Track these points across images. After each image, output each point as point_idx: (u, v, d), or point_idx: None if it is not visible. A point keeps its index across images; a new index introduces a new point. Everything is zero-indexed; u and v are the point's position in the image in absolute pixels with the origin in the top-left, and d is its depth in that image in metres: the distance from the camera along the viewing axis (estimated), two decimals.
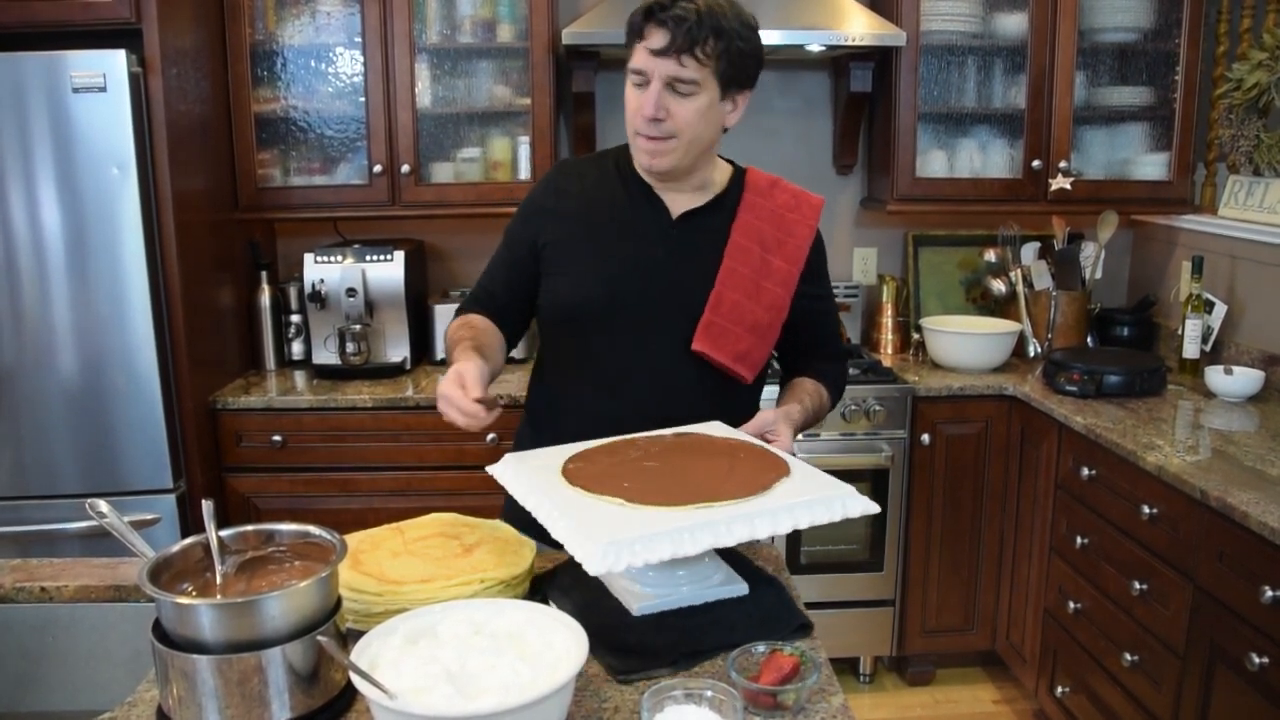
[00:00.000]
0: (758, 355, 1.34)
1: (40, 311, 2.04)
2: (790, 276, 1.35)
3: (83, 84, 1.95)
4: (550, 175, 1.42)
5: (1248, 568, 1.56)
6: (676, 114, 1.24)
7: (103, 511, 0.98)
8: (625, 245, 1.33)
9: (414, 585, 1.03)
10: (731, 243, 1.33)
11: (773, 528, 0.98)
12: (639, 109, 1.25)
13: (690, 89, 1.23)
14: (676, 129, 1.25)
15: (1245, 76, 2.38)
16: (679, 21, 1.19)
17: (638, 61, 1.24)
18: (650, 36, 1.21)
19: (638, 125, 1.26)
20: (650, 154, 1.27)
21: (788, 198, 1.40)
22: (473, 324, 1.34)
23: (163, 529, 2.11)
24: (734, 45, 1.23)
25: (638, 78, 1.24)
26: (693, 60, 1.21)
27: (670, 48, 1.20)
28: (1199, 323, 2.41)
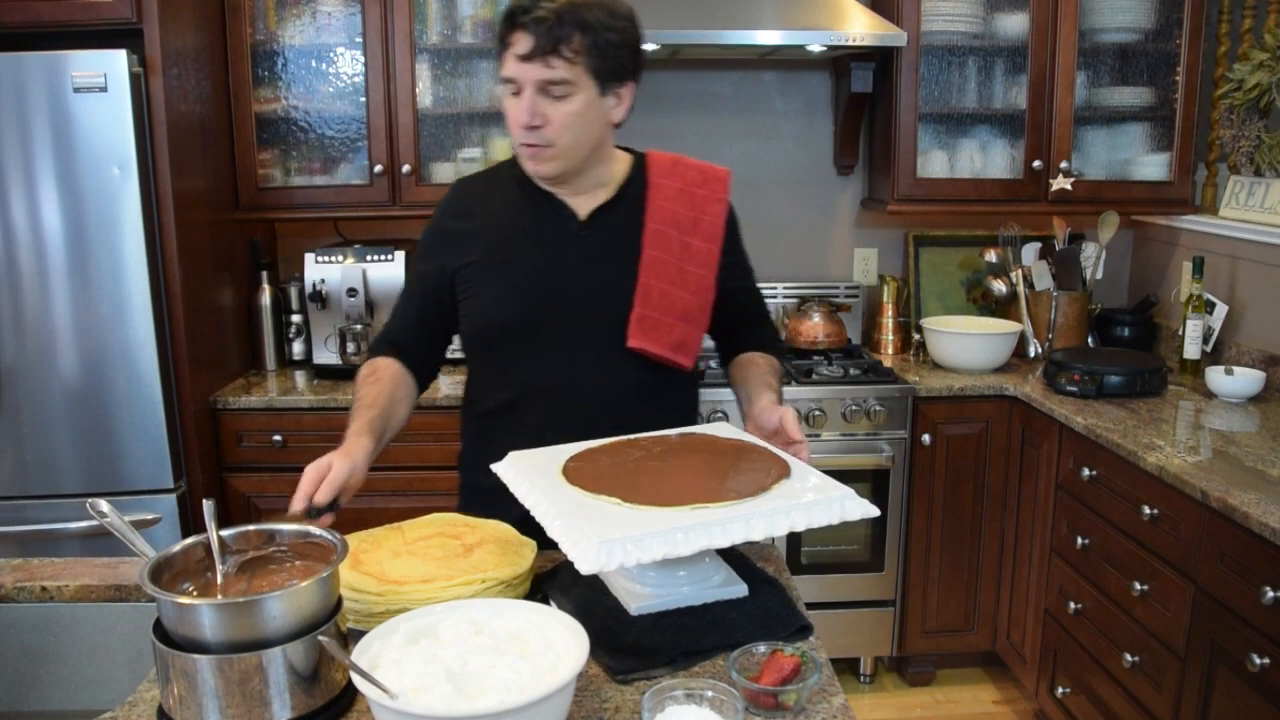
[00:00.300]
0: (693, 341, 1.32)
1: (41, 311, 2.04)
2: (711, 255, 1.32)
3: (84, 84, 1.95)
4: (449, 199, 1.38)
5: (1248, 568, 1.56)
6: (553, 118, 1.20)
7: (103, 511, 0.98)
8: (537, 256, 1.30)
9: (415, 585, 1.03)
10: (648, 231, 1.30)
11: (769, 529, 0.98)
12: (515, 118, 1.21)
13: (564, 90, 1.19)
14: (555, 134, 1.21)
15: (1246, 77, 2.38)
16: (540, 23, 1.16)
17: (508, 69, 1.20)
18: (516, 42, 1.18)
19: (516, 134, 1.23)
20: (533, 160, 1.24)
21: (694, 174, 1.36)
22: (381, 376, 1.31)
23: (163, 529, 2.11)
24: (602, 38, 1.19)
25: (510, 86, 1.21)
26: (560, 60, 1.17)
27: (535, 51, 1.17)
28: (1200, 323, 2.41)
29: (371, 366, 1.34)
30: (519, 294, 1.29)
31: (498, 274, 1.30)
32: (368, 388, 1.30)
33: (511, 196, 1.33)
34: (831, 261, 2.92)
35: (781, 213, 2.87)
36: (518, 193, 1.33)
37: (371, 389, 1.29)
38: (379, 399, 1.28)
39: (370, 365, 1.34)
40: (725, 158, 2.83)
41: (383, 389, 1.29)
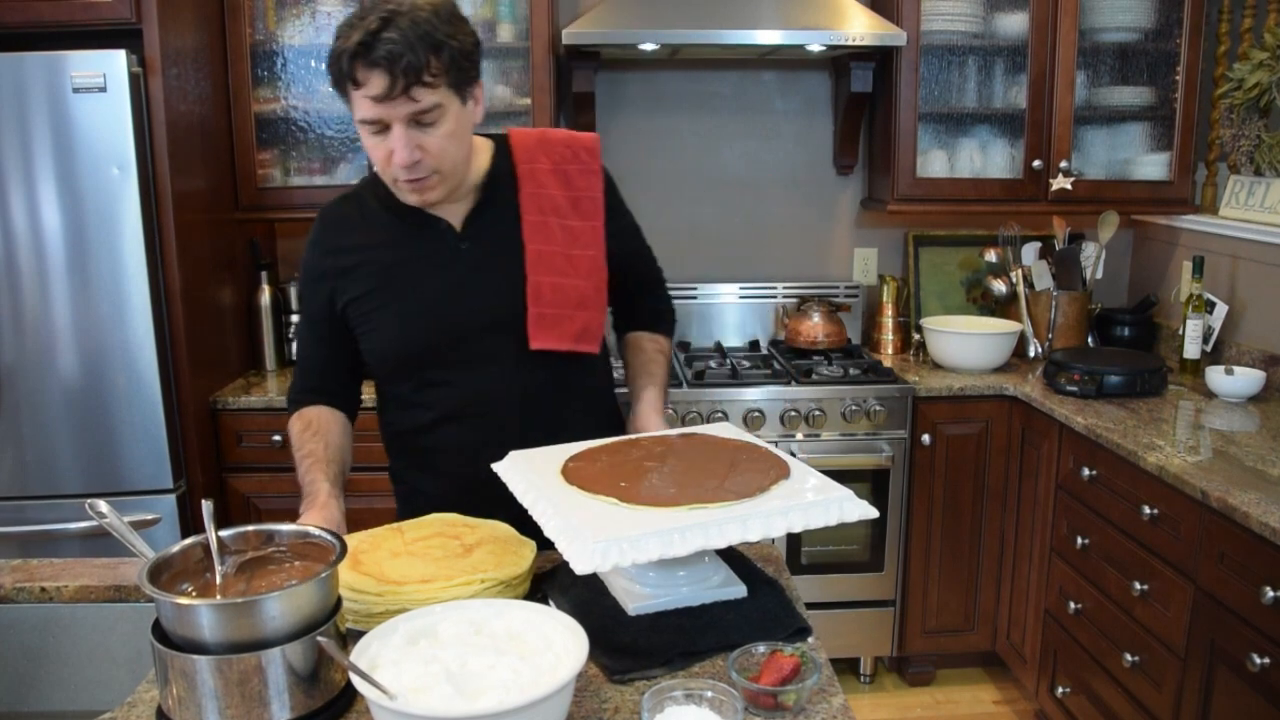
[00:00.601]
0: (595, 325, 1.28)
1: (41, 311, 2.04)
2: (596, 233, 1.28)
3: (83, 84, 1.95)
4: (317, 234, 1.31)
5: (1248, 568, 1.56)
6: (431, 147, 1.14)
7: (102, 512, 0.98)
8: (421, 278, 1.25)
9: (414, 585, 1.03)
10: (526, 224, 1.25)
11: (766, 530, 0.98)
12: (389, 158, 1.14)
13: (434, 116, 1.12)
14: (436, 161, 1.15)
15: (1246, 76, 2.38)
16: (393, 59, 1.06)
17: (366, 111, 1.11)
18: (368, 83, 1.09)
19: (394, 173, 1.16)
20: (419, 193, 1.18)
21: (561, 149, 1.29)
22: (320, 427, 1.28)
23: (163, 529, 2.11)
24: (453, 51, 1.11)
25: (372, 127, 1.13)
26: (423, 89, 1.09)
27: (395, 89, 1.08)
28: (1200, 323, 2.41)
29: (303, 420, 1.30)
30: (411, 324, 1.25)
31: (387, 307, 1.26)
32: (312, 443, 1.26)
33: (381, 221, 1.27)
34: (831, 261, 2.91)
35: (781, 212, 2.87)
36: (386, 216, 1.27)
37: (317, 443, 1.26)
38: (329, 451, 1.26)
39: (300, 418, 1.31)
40: (725, 158, 2.84)
41: (328, 440, 1.27)
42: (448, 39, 1.11)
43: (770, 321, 2.83)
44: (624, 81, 2.74)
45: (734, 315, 2.82)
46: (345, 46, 1.09)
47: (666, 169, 2.81)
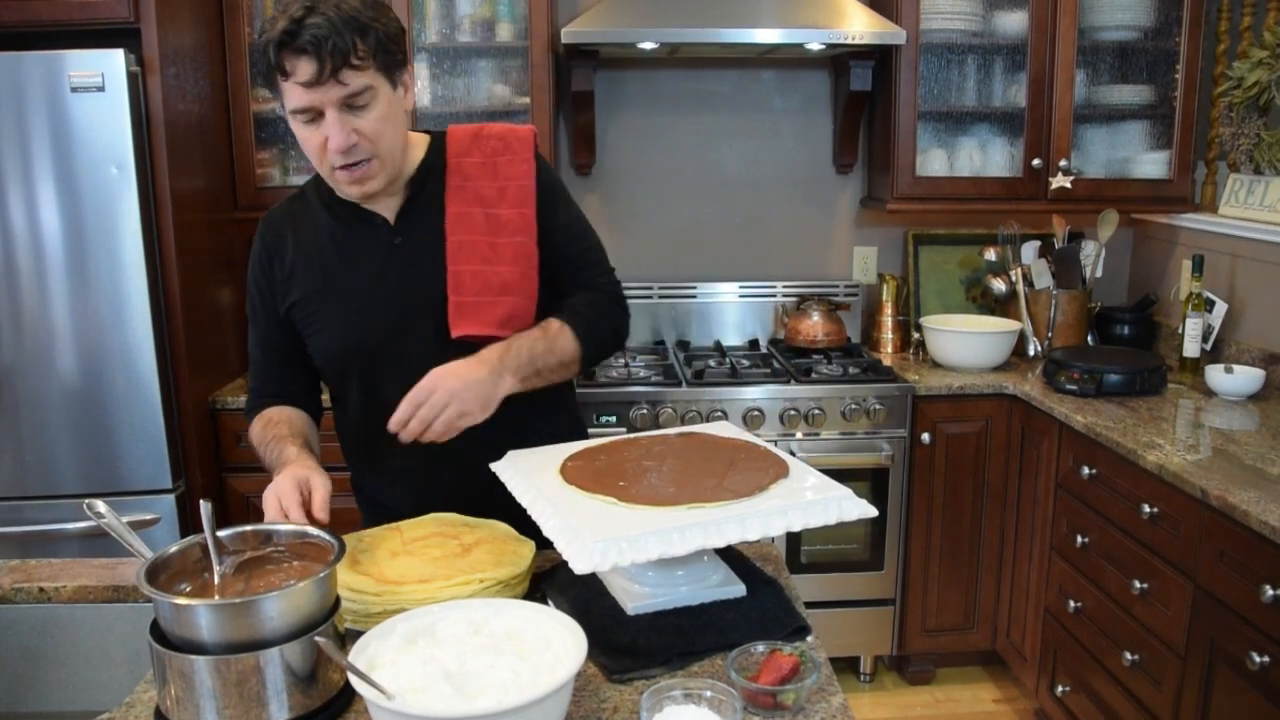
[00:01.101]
0: (522, 311, 1.26)
1: (39, 312, 2.04)
2: (526, 220, 1.26)
3: (81, 84, 1.95)
4: (257, 245, 1.31)
5: (1248, 567, 1.56)
6: (366, 130, 1.14)
7: (101, 512, 0.97)
8: (359, 276, 1.25)
9: (412, 585, 1.03)
10: (449, 216, 1.24)
11: (765, 530, 0.97)
12: (324, 145, 1.13)
13: (366, 99, 1.12)
14: (373, 147, 1.15)
15: (1246, 75, 2.38)
16: (319, 42, 1.07)
17: (298, 100, 1.11)
18: (296, 70, 1.09)
19: (331, 160, 1.15)
20: (357, 183, 1.17)
21: (495, 142, 1.29)
22: (275, 418, 1.26)
23: (163, 529, 2.11)
24: (379, 34, 1.12)
25: (305, 115, 1.13)
26: (352, 71, 1.10)
27: (324, 73, 1.08)
28: (1199, 321, 2.41)
29: (262, 419, 1.28)
30: (351, 322, 1.25)
31: (328, 307, 1.26)
32: (274, 429, 1.24)
33: (319, 220, 1.28)
34: (831, 260, 2.91)
35: (781, 211, 2.87)
36: (325, 215, 1.28)
37: (279, 428, 1.24)
38: (292, 428, 1.24)
39: (259, 419, 1.29)
40: (724, 157, 2.83)
41: (291, 423, 1.26)
42: (372, 22, 1.12)
43: (770, 320, 2.83)
44: (623, 80, 2.74)
45: (733, 314, 2.82)
46: (271, 36, 1.09)
47: (666, 168, 2.81)
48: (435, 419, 1.12)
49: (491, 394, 1.15)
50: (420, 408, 1.12)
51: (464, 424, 1.13)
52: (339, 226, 1.27)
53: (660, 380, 2.40)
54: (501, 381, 1.16)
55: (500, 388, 1.16)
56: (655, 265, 2.84)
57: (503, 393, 1.17)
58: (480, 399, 1.14)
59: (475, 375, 1.14)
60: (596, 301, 1.32)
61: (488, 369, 1.15)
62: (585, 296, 1.31)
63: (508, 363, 1.17)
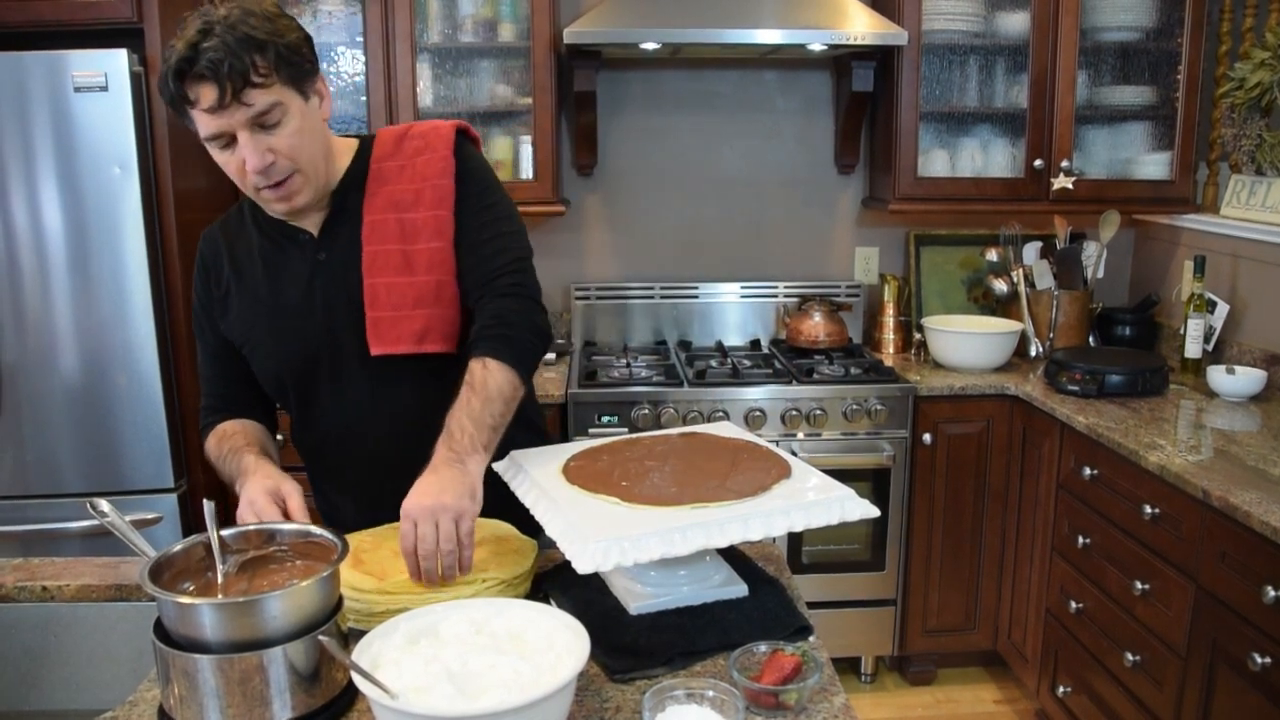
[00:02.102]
0: (440, 323, 1.20)
1: (42, 311, 2.04)
2: (442, 221, 1.21)
3: (84, 84, 1.95)
4: (199, 258, 1.30)
5: (1250, 567, 1.56)
6: (281, 147, 1.11)
7: (104, 511, 0.98)
8: (286, 292, 1.23)
9: (415, 584, 1.03)
10: (365, 225, 1.21)
11: (767, 530, 0.98)
12: (243, 168, 1.11)
13: (276, 115, 1.10)
14: (292, 163, 1.13)
15: (1247, 75, 2.38)
16: (215, 66, 1.04)
17: (207, 127, 1.08)
18: (200, 97, 1.06)
19: (254, 182, 1.13)
20: (283, 200, 1.15)
21: (417, 142, 1.24)
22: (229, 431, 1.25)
23: (165, 528, 2.11)
24: (279, 48, 1.08)
25: (218, 141, 1.10)
26: (255, 90, 1.07)
27: (225, 96, 1.05)
28: (1201, 322, 2.41)
29: (217, 434, 1.26)
30: (283, 341, 1.24)
31: (260, 326, 1.25)
32: (230, 441, 1.23)
33: (249, 238, 1.26)
34: (832, 261, 2.91)
35: (782, 212, 2.87)
36: (255, 232, 1.26)
37: (235, 440, 1.23)
38: (248, 438, 1.23)
39: (214, 435, 1.26)
40: (726, 157, 2.83)
41: (246, 433, 1.25)
42: (271, 37, 1.08)
43: (771, 321, 2.83)
44: (625, 81, 2.74)
45: (735, 314, 2.82)
46: (168, 66, 1.06)
47: (667, 168, 2.81)
48: (438, 549, 1.02)
49: (466, 485, 1.05)
50: (419, 556, 1.03)
51: (467, 527, 1.04)
52: (267, 245, 1.25)
53: (662, 380, 2.40)
54: (467, 469, 1.06)
55: (470, 475, 1.06)
56: (657, 265, 2.84)
57: (477, 476, 1.07)
58: (459, 497, 1.03)
59: (440, 484, 1.04)
60: (502, 312, 1.18)
61: (447, 469, 1.05)
62: (491, 309, 1.19)
63: (461, 447, 1.07)
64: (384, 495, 1.12)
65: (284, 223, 1.24)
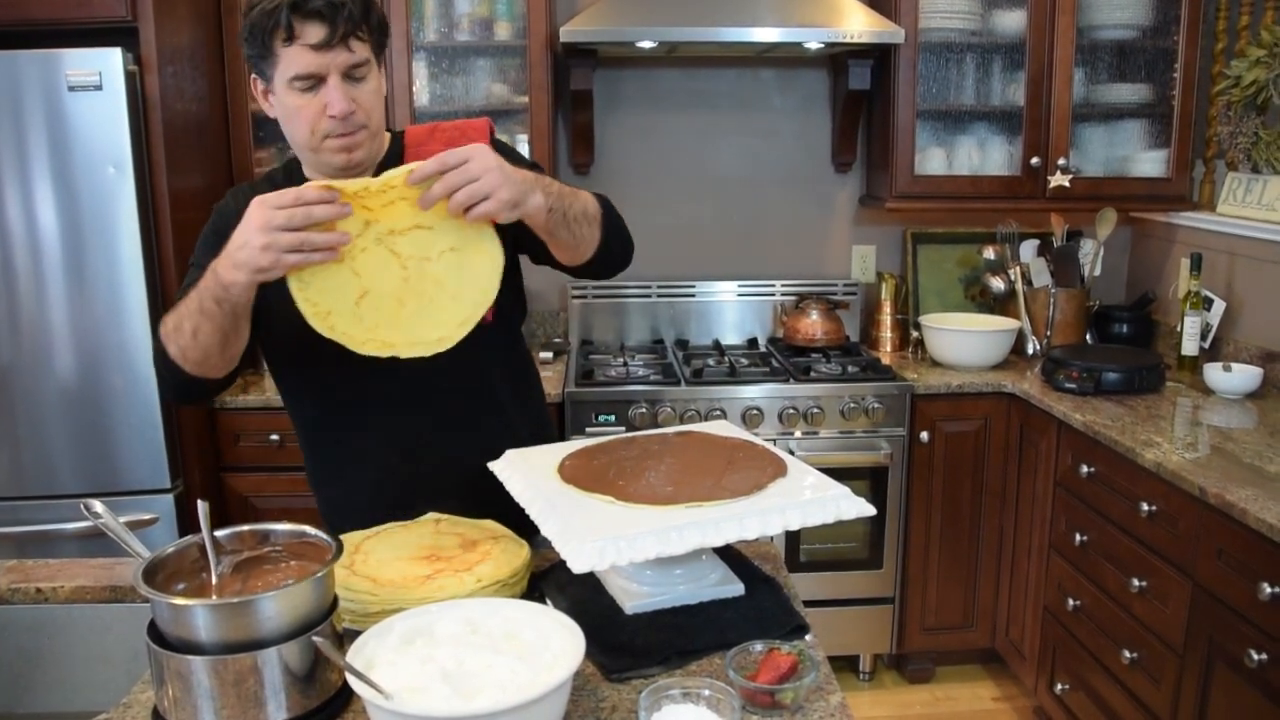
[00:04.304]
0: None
1: (37, 311, 2.04)
2: None
3: (78, 83, 1.95)
4: (223, 214, 1.28)
5: (1246, 564, 1.56)
6: (363, 101, 1.16)
7: (98, 512, 0.97)
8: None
9: (410, 585, 1.03)
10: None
11: (763, 528, 0.97)
12: (320, 113, 1.14)
13: (364, 71, 1.16)
14: (365, 118, 1.17)
15: (1243, 73, 2.38)
16: (336, 7, 1.11)
17: (302, 64, 1.12)
18: (305, 34, 1.11)
19: (326, 128, 1.15)
20: (347, 150, 1.18)
21: (452, 132, 1.30)
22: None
23: (161, 529, 2.10)
24: (378, 15, 1.17)
25: (305, 82, 1.13)
26: (358, 42, 1.14)
27: (334, 37, 1.11)
28: (1198, 320, 2.41)
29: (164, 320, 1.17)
30: None
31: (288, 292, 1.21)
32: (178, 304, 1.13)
33: None
34: (830, 259, 2.91)
35: (779, 210, 2.87)
36: None
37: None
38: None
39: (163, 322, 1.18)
40: (723, 155, 2.83)
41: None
42: (372, 3, 1.16)
43: (769, 319, 2.83)
44: (622, 79, 2.74)
45: (732, 313, 2.82)
46: (279, 2, 1.10)
47: (664, 166, 2.81)
48: (460, 186, 1.01)
49: (522, 194, 1.04)
50: (449, 170, 1.02)
51: (483, 210, 1.02)
52: None
53: (659, 379, 2.40)
54: (534, 192, 1.06)
55: (532, 197, 1.06)
56: (654, 264, 2.84)
57: (533, 204, 1.06)
58: (511, 190, 1.03)
59: (511, 167, 1.05)
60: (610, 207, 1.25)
61: (522, 173, 1.07)
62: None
63: (541, 181, 1.09)
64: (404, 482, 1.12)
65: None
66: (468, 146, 1.04)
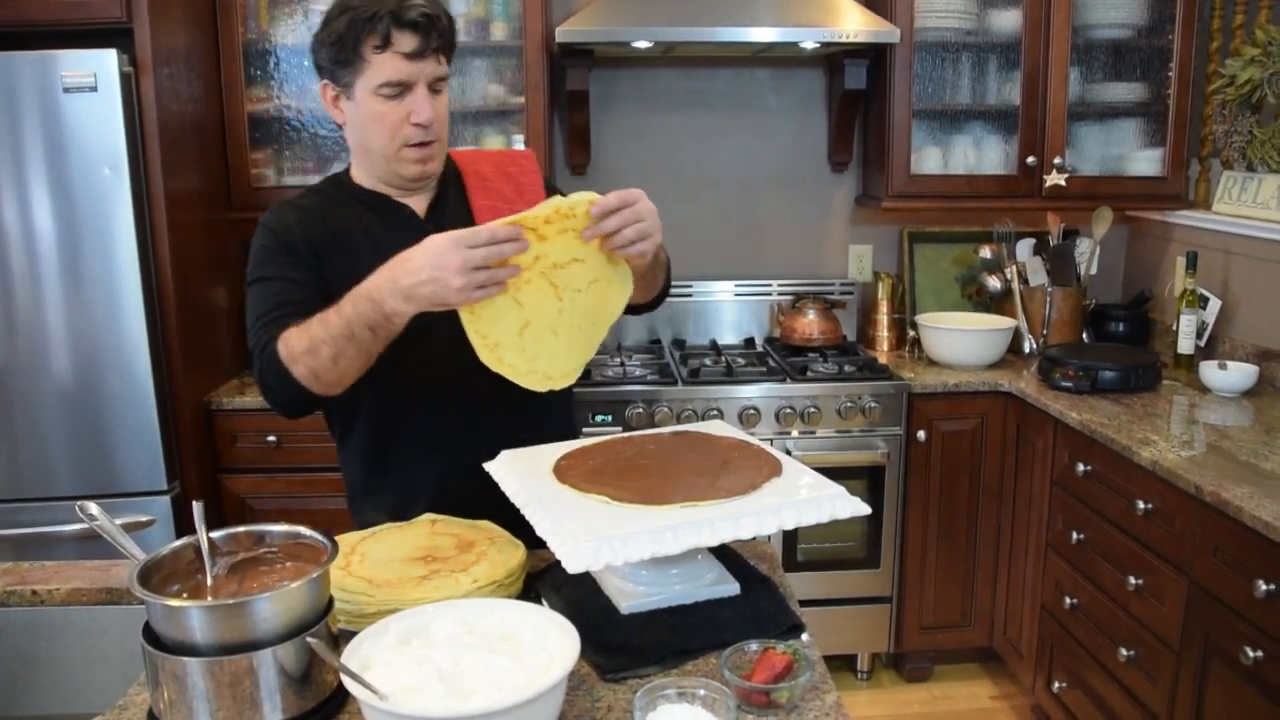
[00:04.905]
0: None
1: (33, 313, 2.04)
2: None
3: (74, 84, 1.95)
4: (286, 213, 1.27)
5: (1242, 562, 1.57)
6: (440, 114, 1.23)
7: (93, 514, 0.97)
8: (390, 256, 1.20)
9: (406, 585, 1.03)
10: (476, 208, 1.30)
11: (758, 528, 0.98)
12: (403, 121, 1.19)
13: (442, 86, 1.23)
14: (440, 129, 1.24)
15: (1238, 72, 2.38)
16: (432, 20, 1.18)
17: (394, 72, 1.17)
18: (399, 42, 1.17)
19: (407, 136, 1.21)
20: (424, 161, 1.24)
21: (499, 156, 1.40)
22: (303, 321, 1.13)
23: (158, 530, 2.10)
24: (453, 33, 1.24)
25: (393, 89, 1.19)
26: (443, 56, 1.22)
27: (426, 48, 1.18)
28: (1193, 318, 2.41)
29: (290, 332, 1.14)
30: None
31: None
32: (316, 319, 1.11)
33: (351, 210, 1.29)
34: (826, 259, 2.91)
35: (776, 210, 2.87)
36: (357, 205, 1.30)
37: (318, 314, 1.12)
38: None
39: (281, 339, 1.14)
40: (719, 155, 2.83)
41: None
42: (452, 21, 1.23)
43: (765, 319, 2.83)
44: (618, 79, 2.74)
45: (729, 313, 2.82)
46: (380, 8, 1.15)
47: (661, 167, 2.81)
48: (632, 224, 1.08)
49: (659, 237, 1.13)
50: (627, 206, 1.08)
51: (638, 249, 1.09)
52: (371, 216, 1.30)
53: (656, 379, 2.40)
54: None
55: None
56: None
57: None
58: (660, 235, 1.12)
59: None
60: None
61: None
62: None
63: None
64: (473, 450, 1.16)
65: (387, 198, 1.30)
66: (635, 190, 1.10)
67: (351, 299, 1.09)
